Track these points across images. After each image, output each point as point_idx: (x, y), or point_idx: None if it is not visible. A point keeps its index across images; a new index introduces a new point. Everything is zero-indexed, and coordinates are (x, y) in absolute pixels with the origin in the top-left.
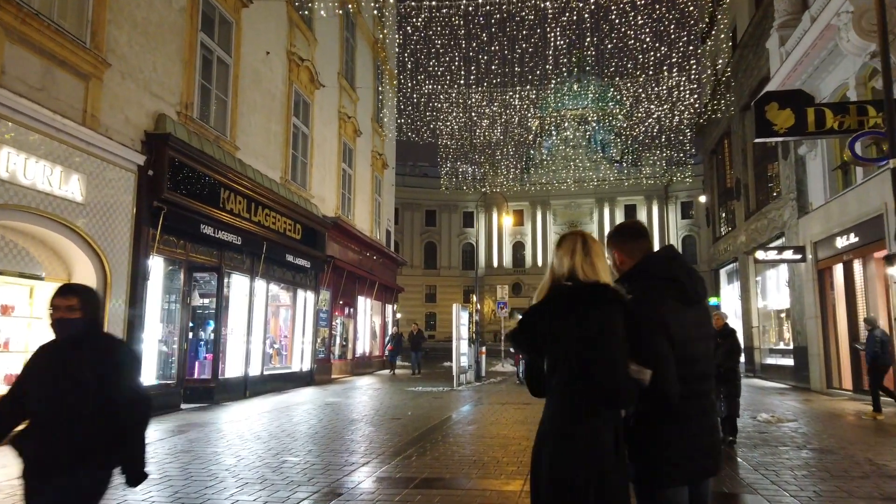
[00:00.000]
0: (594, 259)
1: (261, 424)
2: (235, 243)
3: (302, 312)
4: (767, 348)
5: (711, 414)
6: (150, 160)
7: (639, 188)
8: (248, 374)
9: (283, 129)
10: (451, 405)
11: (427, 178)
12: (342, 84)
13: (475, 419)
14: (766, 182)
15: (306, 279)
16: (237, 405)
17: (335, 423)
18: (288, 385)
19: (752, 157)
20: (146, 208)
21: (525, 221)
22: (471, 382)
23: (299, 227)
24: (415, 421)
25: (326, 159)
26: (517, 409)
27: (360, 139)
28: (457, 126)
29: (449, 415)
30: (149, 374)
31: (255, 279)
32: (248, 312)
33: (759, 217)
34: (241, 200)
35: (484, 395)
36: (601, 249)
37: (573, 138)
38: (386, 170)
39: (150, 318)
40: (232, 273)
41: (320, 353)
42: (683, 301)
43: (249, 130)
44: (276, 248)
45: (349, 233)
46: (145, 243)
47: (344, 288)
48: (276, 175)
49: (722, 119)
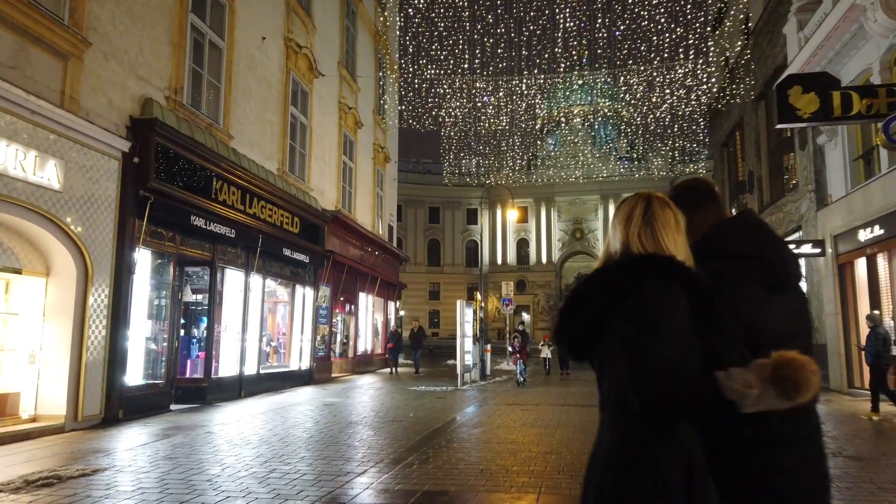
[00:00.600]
0: (658, 228)
1: (252, 427)
2: (229, 236)
3: (300, 309)
4: None
5: (817, 440)
6: (136, 147)
7: (646, 184)
8: (243, 374)
9: (281, 119)
10: (455, 406)
11: (430, 174)
12: (342, 74)
13: (481, 421)
14: (781, 174)
15: (305, 274)
16: (230, 406)
17: (331, 426)
18: (286, 384)
19: (766, 149)
20: (132, 198)
21: (529, 218)
22: (475, 381)
23: (297, 221)
24: (416, 423)
25: (326, 151)
26: (525, 410)
27: (361, 131)
28: (460, 115)
29: (453, 416)
30: (135, 373)
31: (251, 274)
32: (243, 309)
33: (774, 210)
34: (234, 191)
35: (489, 395)
36: (672, 217)
37: (580, 131)
38: (388, 163)
39: (136, 314)
40: (226, 267)
41: (320, 351)
42: (771, 286)
43: (244, 119)
44: (272, 241)
45: (350, 227)
46: (131, 235)
47: (344, 284)
48: (272, 166)
49: (734, 110)
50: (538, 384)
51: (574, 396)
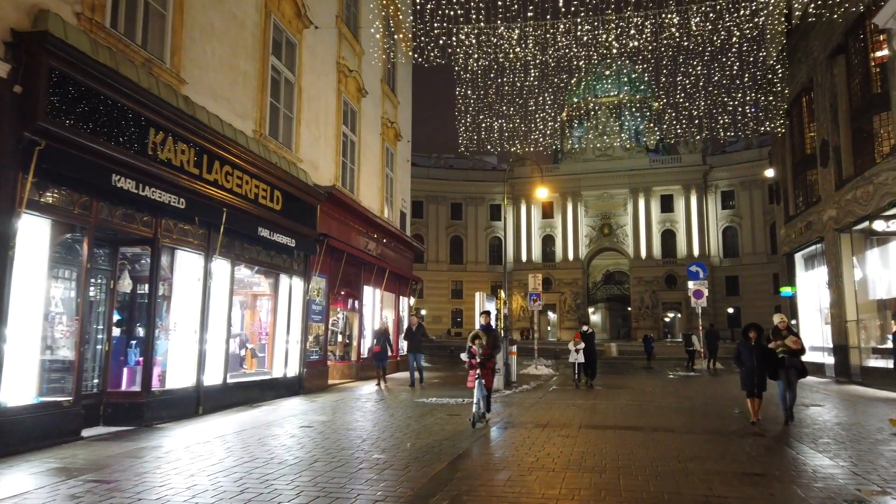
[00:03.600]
0: None
1: (184, 467)
2: (177, 207)
3: (286, 303)
4: (870, 347)
5: None
6: (19, 71)
7: (676, 177)
8: (201, 384)
9: (258, 70)
10: (471, 429)
11: (452, 169)
12: (342, 31)
13: (504, 458)
14: (870, 138)
15: (291, 262)
16: (177, 429)
17: (293, 467)
18: (266, 395)
19: (848, 111)
20: (12, 141)
21: (555, 213)
22: (498, 390)
23: (279, 196)
24: (413, 461)
25: (321, 118)
26: (566, 436)
27: (365, 101)
28: (479, 68)
29: (466, 448)
30: (21, 388)
31: (213, 258)
32: (202, 301)
33: (861, 183)
34: (185, 150)
35: (516, 411)
36: None
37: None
38: (399, 142)
39: (23, 308)
40: (175, 248)
41: (312, 355)
42: None
43: (204, 63)
44: (243, 218)
45: (350, 208)
46: (9, 193)
47: (344, 275)
48: (246, 126)
49: (800, 71)
50: (567, 394)
51: (620, 413)
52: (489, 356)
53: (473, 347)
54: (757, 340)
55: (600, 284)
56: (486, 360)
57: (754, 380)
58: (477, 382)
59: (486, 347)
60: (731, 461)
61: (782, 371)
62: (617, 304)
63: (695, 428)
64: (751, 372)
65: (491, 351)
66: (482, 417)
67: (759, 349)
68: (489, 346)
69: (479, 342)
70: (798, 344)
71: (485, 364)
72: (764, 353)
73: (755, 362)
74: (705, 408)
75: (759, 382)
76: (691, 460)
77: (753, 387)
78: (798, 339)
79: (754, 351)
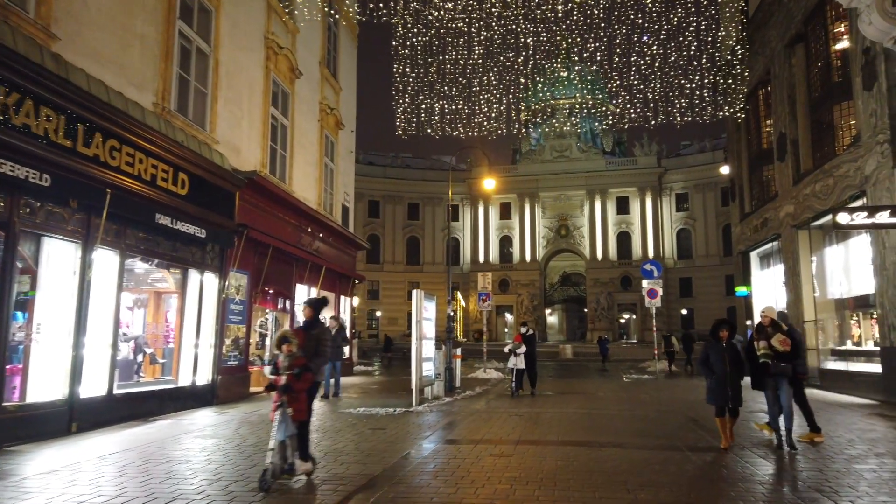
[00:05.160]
0: None
1: None
2: (39, 184)
3: (196, 302)
4: (829, 349)
5: None
6: None
7: (632, 179)
8: (76, 396)
9: (160, 35)
10: (398, 444)
11: (410, 168)
12: (271, 2)
13: (432, 482)
14: (829, 130)
15: (203, 255)
16: (32, 452)
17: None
18: (168, 407)
19: (806, 103)
20: None
21: (512, 214)
22: (438, 397)
23: (185, 179)
24: (313, 490)
25: (243, 96)
26: (500, 456)
27: (300, 83)
28: (419, 42)
29: (383, 469)
30: None
31: (94, 248)
32: (79, 299)
33: (820, 177)
34: (52, 116)
35: (455, 421)
36: None
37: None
38: (341, 131)
39: None
40: (42, 235)
41: (230, 360)
42: None
43: (85, 18)
44: (135, 203)
45: (278, 197)
46: None
47: (271, 271)
48: (144, 98)
49: (756, 63)
50: (512, 402)
51: (566, 424)
52: (301, 369)
53: (279, 357)
54: (728, 341)
55: (557, 286)
56: (296, 376)
57: (727, 392)
58: (278, 414)
59: (299, 356)
60: (689, 489)
61: (769, 380)
62: (574, 305)
63: (647, 442)
64: (722, 381)
65: (306, 362)
66: (286, 473)
67: (732, 351)
68: (307, 353)
69: (288, 348)
70: (787, 344)
71: (291, 387)
72: (737, 357)
73: (727, 368)
74: (660, 416)
75: (734, 395)
76: (642, 488)
77: (726, 401)
78: (787, 339)
79: (727, 354)
